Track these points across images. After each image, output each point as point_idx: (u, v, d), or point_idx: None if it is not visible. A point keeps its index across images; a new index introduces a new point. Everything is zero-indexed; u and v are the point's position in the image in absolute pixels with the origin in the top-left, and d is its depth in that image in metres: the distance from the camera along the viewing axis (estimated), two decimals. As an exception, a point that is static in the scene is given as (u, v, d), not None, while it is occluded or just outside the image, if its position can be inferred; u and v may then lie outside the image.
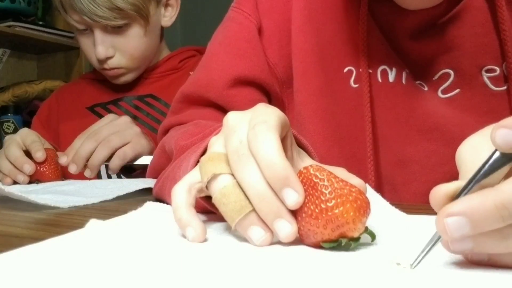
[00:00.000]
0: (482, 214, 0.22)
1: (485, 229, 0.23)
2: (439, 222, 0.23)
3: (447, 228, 0.23)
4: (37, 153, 0.74)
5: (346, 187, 0.29)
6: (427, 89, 0.56)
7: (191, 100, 0.62)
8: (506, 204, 0.22)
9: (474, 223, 0.23)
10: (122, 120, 0.82)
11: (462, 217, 0.23)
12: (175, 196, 0.33)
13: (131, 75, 0.99)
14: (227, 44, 0.61)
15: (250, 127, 0.31)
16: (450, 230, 0.23)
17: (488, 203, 0.22)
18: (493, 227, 0.23)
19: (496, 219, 0.22)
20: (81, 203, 0.52)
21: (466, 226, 0.23)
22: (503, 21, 0.51)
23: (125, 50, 0.95)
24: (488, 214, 0.22)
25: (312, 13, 0.59)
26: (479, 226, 0.23)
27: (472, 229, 0.23)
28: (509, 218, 0.22)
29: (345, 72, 0.57)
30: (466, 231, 0.23)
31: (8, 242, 0.36)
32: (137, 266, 0.25)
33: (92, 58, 0.97)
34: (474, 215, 0.23)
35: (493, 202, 0.22)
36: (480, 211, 0.22)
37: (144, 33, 0.95)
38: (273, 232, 0.30)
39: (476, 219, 0.22)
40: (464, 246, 0.24)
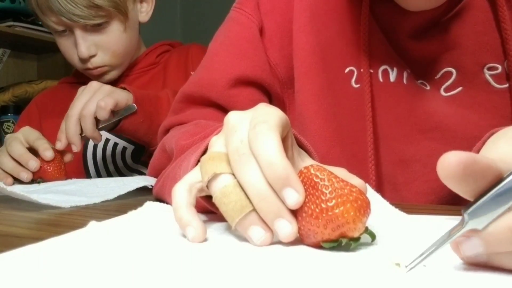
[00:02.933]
0: (496, 237, 0.22)
1: (499, 250, 0.23)
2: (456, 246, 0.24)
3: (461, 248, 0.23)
4: (46, 152, 0.74)
5: (347, 187, 0.29)
6: (429, 88, 0.56)
7: (192, 100, 0.62)
8: None
9: (488, 245, 0.23)
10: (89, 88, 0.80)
11: (476, 238, 0.23)
12: (175, 196, 0.33)
13: (115, 72, 1.00)
14: (228, 44, 0.61)
15: (251, 127, 0.31)
16: (464, 251, 0.23)
17: (503, 226, 0.22)
18: (507, 249, 0.22)
19: (510, 241, 0.22)
20: (82, 203, 0.52)
21: (480, 247, 0.23)
22: (504, 19, 0.51)
23: (107, 47, 0.94)
24: (502, 237, 0.22)
25: (313, 13, 0.59)
26: (492, 248, 0.23)
27: (486, 250, 0.23)
28: None
29: (346, 73, 0.57)
30: (480, 251, 0.23)
31: (8, 242, 0.36)
32: (137, 266, 0.25)
33: (74, 59, 0.97)
34: (487, 237, 0.23)
35: (508, 225, 0.22)
36: (494, 233, 0.22)
37: (124, 29, 0.95)
38: (273, 232, 0.30)
39: (489, 240, 0.23)
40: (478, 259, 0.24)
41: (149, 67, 1.04)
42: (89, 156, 1.00)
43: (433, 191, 0.55)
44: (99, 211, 0.49)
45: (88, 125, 0.76)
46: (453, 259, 0.26)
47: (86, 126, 0.76)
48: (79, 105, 0.77)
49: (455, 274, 0.24)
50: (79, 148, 0.77)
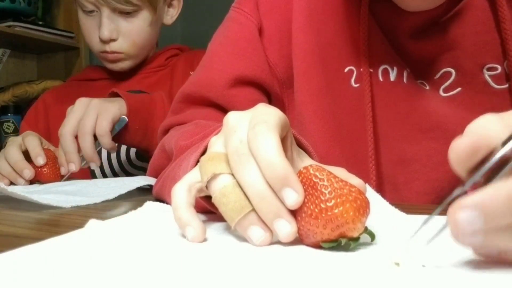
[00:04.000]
0: (495, 207, 0.22)
1: (498, 222, 0.22)
2: (451, 216, 0.23)
3: (459, 223, 0.22)
4: (38, 158, 0.74)
5: (346, 187, 0.29)
6: (428, 88, 0.56)
7: (192, 100, 0.62)
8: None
9: (487, 217, 0.22)
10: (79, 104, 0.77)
11: (475, 211, 0.22)
12: (175, 196, 0.33)
13: (129, 62, 1.02)
14: (227, 44, 0.61)
15: (250, 127, 0.31)
16: (462, 225, 0.22)
17: (502, 194, 0.22)
18: (507, 220, 0.22)
19: (510, 212, 0.22)
20: (83, 203, 0.52)
21: (479, 220, 0.22)
22: (504, 20, 0.51)
23: (129, 35, 0.98)
24: (501, 207, 0.22)
25: (312, 13, 0.59)
26: (492, 220, 0.22)
27: (485, 223, 0.22)
28: None
29: (345, 72, 0.57)
30: (479, 226, 0.22)
31: (8, 242, 0.36)
32: (137, 265, 0.25)
33: (93, 40, 0.99)
34: (487, 208, 0.22)
35: (506, 194, 0.22)
36: (493, 203, 0.22)
37: (149, 23, 0.99)
38: (272, 232, 0.30)
39: (489, 212, 0.22)
40: (474, 239, 0.23)
41: (157, 69, 1.06)
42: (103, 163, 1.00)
43: (433, 191, 0.55)
44: (99, 211, 0.49)
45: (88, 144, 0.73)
46: (452, 259, 0.26)
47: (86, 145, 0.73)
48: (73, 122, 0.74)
49: (455, 274, 0.24)
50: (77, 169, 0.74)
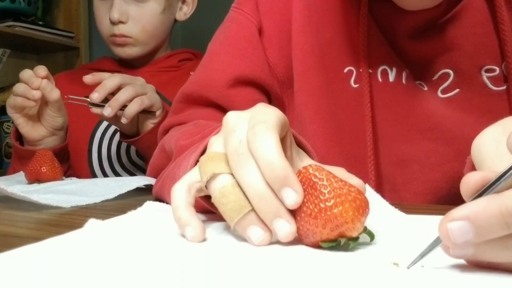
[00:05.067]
0: (486, 220, 0.22)
1: (488, 236, 0.22)
2: (442, 227, 0.23)
3: (450, 233, 0.22)
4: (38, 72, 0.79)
5: (345, 186, 0.29)
6: (426, 89, 0.56)
7: (192, 100, 0.62)
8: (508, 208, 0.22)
9: (477, 229, 0.22)
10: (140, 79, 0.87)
11: (466, 222, 0.22)
12: (174, 196, 0.33)
13: (137, 49, 1.03)
14: (227, 44, 0.62)
15: (249, 127, 0.31)
16: (453, 236, 0.22)
17: (493, 208, 0.22)
18: (497, 234, 0.22)
19: (501, 225, 0.22)
20: (82, 203, 0.52)
21: (470, 232, 0.22)
22: (503, 21, 0.51)
23: (139, 20, 0.99)
24: (492, 220, 0.22)
25: (312, 13, 0.59)
26: (482, 233, 0.22)
27: (476, 236, 0.22)
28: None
29: (345, 72, 0.57)
30: (470, 238, 0.22)
31: (8, 242, 0.36)
32: (137, 265, 0.25)
33: (103, 23, 1.01)
34: (478, 220, 0.22)
35: (498, 208, 0.22)
36: (484, 216, 0.22)
37: (161, 10, 1.00)
38: (272, 232, 0.30)
39: (480, 224, 0.22)
40: (465, 252, 0.23)
41: (169, 69, 1.08)
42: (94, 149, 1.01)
43: (431, 191, 0.55)
44: (99, 210, 0.49)
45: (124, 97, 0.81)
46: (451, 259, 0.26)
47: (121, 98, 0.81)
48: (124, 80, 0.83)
49: (453, 274, 0.24)
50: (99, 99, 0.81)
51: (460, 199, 0.26)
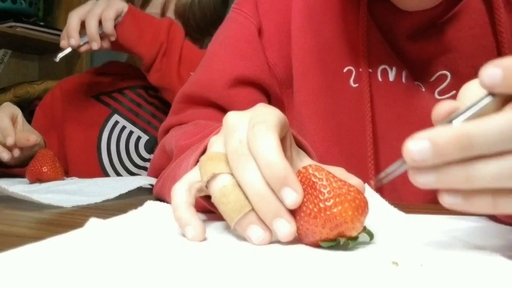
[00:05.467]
0: (443, 140, 0.24)
1: (445, 155, 0.24)
2: (404, 146, 0.25)
3: (411, 151, 0.25)
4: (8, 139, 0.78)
5: (345, 186, 0.29)
6: (424, 89, 0.56)
7: (192, 100, 0.62)
8: (468, 132, 0.23)
9: (435, 148, 0.24)
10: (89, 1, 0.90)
11: (425, 141, 0.24)
12: (175, 195, 0.33)
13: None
14: (227, 44, 0.62)
15: (249, 127, 0.31)
16: (413, 153, 0.25)
17: (451, 131, 0.24)
18: (453, 154, 0.24)
19: (456, 146, 0.24)
20: (83, 203, 0.52)
21: (428, 150, 0.24)
22: (501, 23, 0.51)
23: None
24: (448, 139, 0.24)
25: (311, 13, 0.59)
26: (439, 151, 0.24)
27: (433, 154, 0.24)
28: (469, 147, 0.23)
29: (345, 72, 0.58)
30: (428, 156, 0.24)
31: (9, 241, 0.36)
32: (137, 265, 0.26)
33: None
34: (436, 140, 0.24)
35: (456, 131, 0.24)
36: (442, 137, 0.24)
37: None
38: (272, 232, 0.30)
39: (437, 143, 0.24)
40: (428, 177, 0.25)
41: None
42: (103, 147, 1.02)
43: (431, 191, 0.54)
44: (100, 210, 0.50)
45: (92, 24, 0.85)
46: (450, 259, 0.26)
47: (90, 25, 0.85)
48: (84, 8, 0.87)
49: (453, 273, 0.24)
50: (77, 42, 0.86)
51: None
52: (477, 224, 0.38)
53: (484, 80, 0.25)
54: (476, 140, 0.23)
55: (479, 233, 0.35)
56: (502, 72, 0.24)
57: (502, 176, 0.23)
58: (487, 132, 0.23)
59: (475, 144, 0.23)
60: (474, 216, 0.41)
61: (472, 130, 0.24)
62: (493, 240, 0.33)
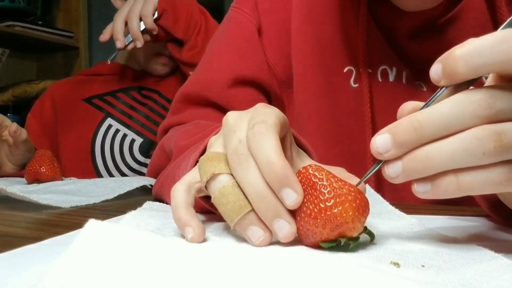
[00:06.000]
0: (399, 127, 0.27)
1: (403, 142, 0.27)
2: (371, 143, 0.28)
3: (374, 145, 0.28)
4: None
5: (345, 186, 0.29)
6: (426, 89, 0.56)
7: (191, 100, 0.62)
8: (417, 117, 0.27)
9: (393, 137, 0.27)
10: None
11: (386, 133, 0.27)
12: (174, 196, 0.33)
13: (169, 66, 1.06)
14: (227, 44, 0.61)
15: (249, 127, 0.31)
16: (377, 146, 0.27)
17: (404, 120, 0.27)
18: (410, 138, 0.27)
19: (409, 130, 0.26)
20: (82, 203, 0.52)
21: (389, 141, 0.27)
22: (503, 21, 0.51)
23: None
24: (403, 127, 0.27)
25: (311, 13, 0.59)
26: (397, 139, 0.27)
27: (393, 143, 0.27)
28: (420, 129, 0.26)
29: (345, 72, 0.57)
30: (389, 146, 0.27)
31: (8, 242, 0.36)
32: (136, 265, 0.25)
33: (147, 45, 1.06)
34: (393, 129, 0.27)
35: (408, 119, 0.27)
36: (398, 126, 0.27)
37: None
38: (272, 232, 0.30)
39: (394, 132, 0.27)
40: (394, 167, 0.27)
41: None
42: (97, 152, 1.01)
43: None
44: (99, 211, 0.49)
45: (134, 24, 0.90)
46: (451, 259, 0.26)
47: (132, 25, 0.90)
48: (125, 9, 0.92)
49: (453, 274, 0.24)
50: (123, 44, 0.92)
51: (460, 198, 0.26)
52: (477, 224, 0.38)
53: (432, 75, 0.28)
54: (425, 122, 0.26)
55: (479, 233, 0.35)
56: (440, 66, 0.28)
57: (456, 153, 0.26)
58: (433, 115, 0.26)
59: (425, 127, 0.26)
60: (473, 217, 0.41)
61: (421, 115, 0.27)
62: (493, 240, 0.33)
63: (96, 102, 1.05)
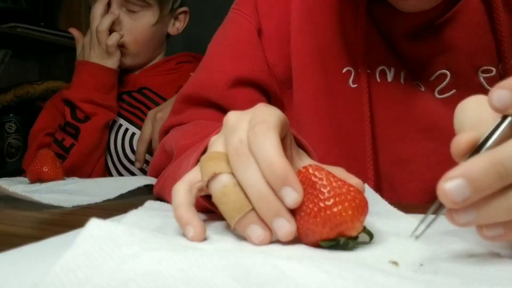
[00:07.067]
0: (479, 172, 0.22)
1: (484, 189, 0.22)
2: (440, 190, 0.23)
3: (449, 193, 0.23)
4: None
5: (345, 186, 0.29)
6: (423, 89, 0.56)
7: (192, 101, 0.63)
8: (501, 160, 0.22)
9: (473, 184, 0.22)
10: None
11: (461, 179, 0.23)
12: (175, 195, 0.33)
13: (127, 59, 1.06)
14: (227, 45, 0.62)
15: (250, 127, 0.31)
16: (451, 195, 0.23)
17: (483, 161, 0.23)
18: (492, 186, 0.22)
19: (493, 176, 0.22)
20: (84, 203, 0.52)
21: (466, 188, 0.22)
22: (500, 22, 0.51)
23: (131, 31, 1.03)
24: (484, 172, 0.22)
25: (311, 14, 0.59)
26: (478, 186, 0.22)
27: (473, 191, 0.22)
28: (506, 175, 0.22)
29: (344, 73, 0.58)
30: (467, 194, 0.23)
31: (10, 241, 0.36)
32: (136, 265, 0.26)
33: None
34: (471, 174, 0.22)
35: (488, 160, 0.23)
36: (477, 170, 0.22)
37: (153, 23, 1.04)
38: (272, 231, 0.30)
39: (474, 178, 0.22)
40: (468, 215, 0.23)
41: (167, 72, 1.11)
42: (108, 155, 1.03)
43: (430, 191, 0.55)
44: (101, 210, 0.50)
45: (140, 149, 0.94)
46: (450, 258, 0.26)
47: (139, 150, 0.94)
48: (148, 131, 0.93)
49: (453, 273, 0.24)
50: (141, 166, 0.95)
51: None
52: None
53: (495, 104, 0.24)
54: (511, 166, 0.22)
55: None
56: (508, 93, 0.23)
57: None
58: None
59: (510, 171, 0.22)
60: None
61: (505, 157, 0.22)
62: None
63: None
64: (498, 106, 0.24)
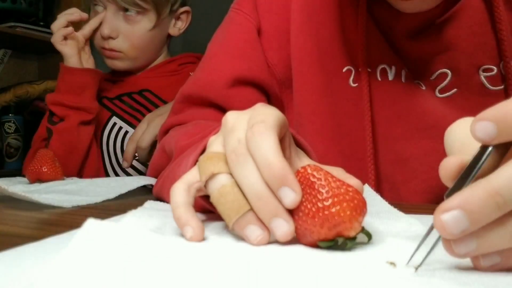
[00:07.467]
0: (476, 203, 0.22)
1: (483, 219, 0.22)
2: (436, 221, 0.23)
3: (446, 225, 0.22)
4: None
5: (343, 186, 0.29)
6: (424, 88, 0.56)
7: (191, 100, 0.63)
8: (498, 190, 0.22)
9: (471, 215, 0.22)
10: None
11: (458, 210, 0.22)
12: (174, 195, 0.33)
13: (127, 63, 1.05)
14: (226, 44, 0.62)
15: (248, 127, 0.31)
16: (449, 227, 0.22)
17: (480, 191, 0.22)
18: (491, 216, 0.22)
19: (491, 206, 0.22)
20: (83, 203, 0.52)
21: (464, 220, 0.22)
22: (500, 20, 0.51)
23: (128, 37, 1.01)
24: (482, 203, 0.22)
25: (311, 13, 0.59)
26: (476, 218, 0.22)
27: (471, 222, 0.22)
28: (504, 205, 0.22)
29: (344, 72, 0.58)
30: (465, 225, 0.22)
31: (9, 241, 0.36)
32: (136, 264, 0.26)
33: (96, 35, 1.04)
34: (469, 205, 0.22)
35: (485, 190, 0.22)
36: (474, 200, 0.22)
37: (151, 28, 1.02)
38: (270, 232, 0.30)
39: (472, 209, 0.22)
40: (468, 246, 0.23)
41: (169, 73, 1.10)
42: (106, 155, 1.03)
43: (431, 190, 0.55)
44: (100, 210, 0.50)
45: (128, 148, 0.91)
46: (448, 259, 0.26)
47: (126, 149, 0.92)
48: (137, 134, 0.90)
49: (450, 274, 0.24)
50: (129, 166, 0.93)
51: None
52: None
53: (479, 136, 0.23)
54: (508, 196, 0.22)
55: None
56: (494, 126, 0.23)
57: None
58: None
59: (508, 201, 0.22)
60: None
61: (502, 186, 0.22)
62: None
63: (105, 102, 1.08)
64: (483, 138, 0.23)
